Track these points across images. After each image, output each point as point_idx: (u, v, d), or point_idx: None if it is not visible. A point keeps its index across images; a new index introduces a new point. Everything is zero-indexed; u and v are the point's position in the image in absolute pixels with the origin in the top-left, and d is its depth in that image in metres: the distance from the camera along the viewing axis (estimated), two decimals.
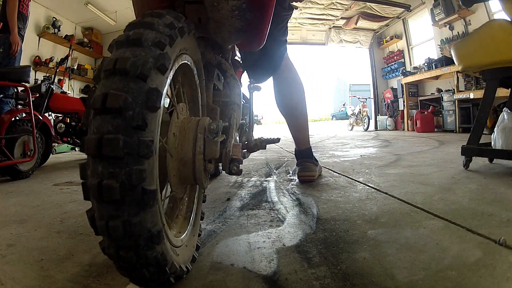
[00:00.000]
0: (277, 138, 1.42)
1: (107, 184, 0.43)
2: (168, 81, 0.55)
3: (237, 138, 0.90)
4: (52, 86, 2.89)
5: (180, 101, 0.73)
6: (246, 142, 1.20)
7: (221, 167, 1.74)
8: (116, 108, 0.44)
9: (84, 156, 3.84)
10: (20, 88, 2.36)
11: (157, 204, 0.49)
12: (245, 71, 1.43)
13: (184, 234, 0.70)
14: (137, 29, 0.53)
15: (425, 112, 5.78)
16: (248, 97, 1.36)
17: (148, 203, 0.46)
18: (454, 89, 5.17)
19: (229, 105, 0.93)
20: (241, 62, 1.40)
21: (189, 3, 0.82)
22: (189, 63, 0.71)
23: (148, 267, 0.50)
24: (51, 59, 5.19)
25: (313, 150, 1.68)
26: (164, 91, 0.53)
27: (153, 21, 0.54)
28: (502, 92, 1.77)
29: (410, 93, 6.53)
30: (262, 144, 1.22)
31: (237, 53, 1.42)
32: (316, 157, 1.70)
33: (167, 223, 0.59)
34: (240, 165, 0.72)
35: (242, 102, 1.28)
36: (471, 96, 4.62)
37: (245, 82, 1.50)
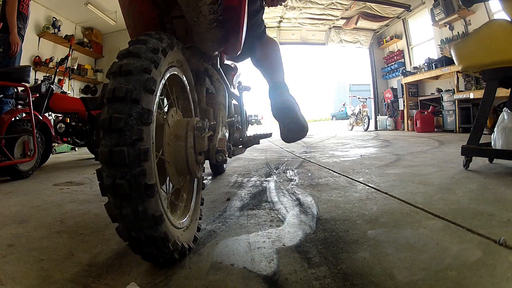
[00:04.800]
0: (270, 133, 1.50)
1: (119, 183, 0.54)
2: (158, 95, 0.65)
3: (226, 133, 0.97)
4: (52, 86, 2.89)
5: (173, 106, 0.80)
6: (240, 139, 1.27)
7: (225, 165, 1.84)
8: (120, 128, 0.55)
9: (84, 156, 3.84)
10: (20, 88, 2.35)
11: (157, 194, 0.60)
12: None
13: (185, 219, 0.79)
14: (127, 59, 0.61)
15: (425, 112, 5.77)
16: (243, 99, 1.41)
17: (150, 194, 0.57)
18: (454, 89, 5.16)
19: (216, 105, 1.00)
20: (232, 66, 1.44)
21: (176, 17, 0.91)
22: (177, 73, 0.79)
23: (155, 244, 0.60)
24: (51, 59, 5.19)
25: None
26: (155, 107, 0.63)
27: (139, 50, 0.62)
28: (502, 92, 1.77)
29: (410, 93, 6.52)
30: (255, 139, 1.31)
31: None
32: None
33: (170, 211, 0.70)
34: (226, 155, 0.82)
35: (234, 103, 1.37)
36: (471, 96, 4.62)
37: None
